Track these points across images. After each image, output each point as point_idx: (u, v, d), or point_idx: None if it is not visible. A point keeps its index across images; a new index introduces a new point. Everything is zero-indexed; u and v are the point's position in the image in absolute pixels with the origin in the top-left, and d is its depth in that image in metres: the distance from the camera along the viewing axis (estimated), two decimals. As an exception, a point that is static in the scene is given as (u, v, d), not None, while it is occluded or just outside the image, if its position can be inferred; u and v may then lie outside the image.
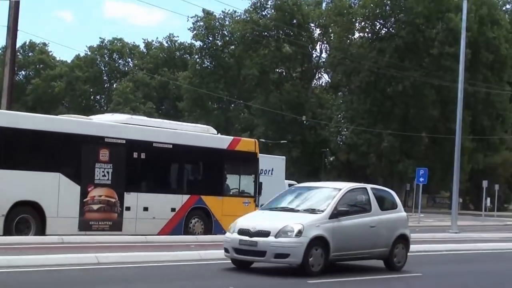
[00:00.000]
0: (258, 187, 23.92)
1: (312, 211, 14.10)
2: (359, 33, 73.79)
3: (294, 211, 14.20)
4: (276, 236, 13.25)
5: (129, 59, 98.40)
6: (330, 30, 76.95)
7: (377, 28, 72.45)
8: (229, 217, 19.07)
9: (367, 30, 72.46)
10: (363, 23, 72.35)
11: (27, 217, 18.73)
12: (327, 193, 14.74)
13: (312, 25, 78.78)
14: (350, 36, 74.06)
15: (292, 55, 76.16)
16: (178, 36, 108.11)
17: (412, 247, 21.53)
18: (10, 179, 18.33)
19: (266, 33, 75.91)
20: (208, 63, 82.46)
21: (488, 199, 61.69)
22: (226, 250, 13.96)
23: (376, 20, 71.55)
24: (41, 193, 18.87)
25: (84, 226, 19.73)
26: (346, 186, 15.10)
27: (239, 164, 23.90)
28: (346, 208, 14.42)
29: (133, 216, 20.77)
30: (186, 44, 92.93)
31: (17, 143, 18.76)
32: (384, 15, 71.42)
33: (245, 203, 23.42)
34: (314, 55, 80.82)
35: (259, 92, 76.31)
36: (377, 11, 70.58)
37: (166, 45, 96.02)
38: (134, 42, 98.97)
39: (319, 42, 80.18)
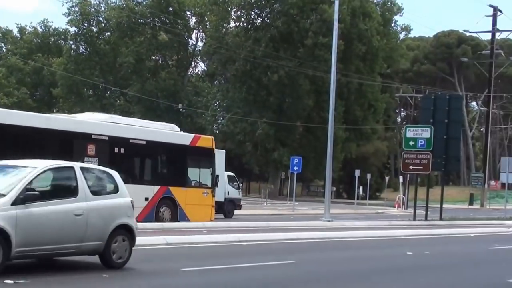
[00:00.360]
0: (215, 179, 27.26)
1: None
2: (234, 22, 73.87)
3: None
4: None
5: (2, 44, 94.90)
6: (206, 19, 76.64)
7: (253, 17, 72.71)
8: (191, 206, 25.47)
9: (242, 19, 72.58)
10: (238, 12, 72.41)
11: None
12: (21, 173, 11.74)
13: (188, 13, 78.22)
14: (226, 25, 74.00)
15: (168, 43, 75.42)
16: (52, 22, 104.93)
17: (286, 235, 21.78)
18: None
19: (142, 21, 74.75)
20: (84, 50, 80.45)
21: (361, 188, 63.35)
22: None
23: (251, 9, 71.76)
24: None
25: None
26: (44, 164, 12.12)
27: (199, 158, 26.78)
28: (39, 191, 11.52)
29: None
30: (61, 30, 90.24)
31: (19, 138, 20.58)
32: (260, 5, 71.73)
33: (205, 194, 26.77)
34: (190, 44, 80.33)
35: (135, 80, 75.17)
36: (252, 0, 70.80)
37: (40, 30, 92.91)
38: (7, 27, 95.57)
39: (195, 31, 79.76)
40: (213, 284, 12.20)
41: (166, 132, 26.14)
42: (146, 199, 24.47)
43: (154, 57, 78.53)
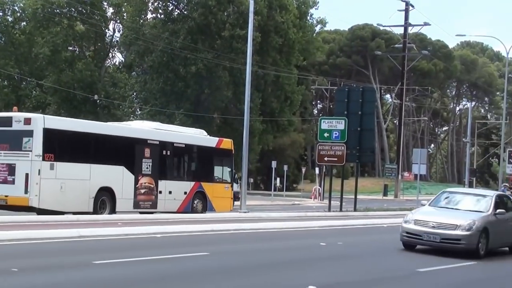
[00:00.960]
0: (233, 175, 32.71)
1: None
2: (152, 13, 72.93)
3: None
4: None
5: None
6: (123, 10, 75.47)
7: (170, 9, 71.97)
8: (216, 198, 30.62)
9: (160, 11, 71.75)
10: (156, 3, 71.55)
11: (105, 199, 25.43)
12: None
13: (105, 3, 76.83)
14: (143, 16, 73.04)
15: (85, 34, 73.93)
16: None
17: (201, 227, 21.60)
18: (97, 171, 25.16)
19: (58, 11, 72.97)
20: (-2, 39, 78.05)
21: (278, 179, 63.73)
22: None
23: (169, 1, 71.03)
24: (113, 181, 25.70)
25: (136, 205, 26.82)
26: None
27: (222, 158, 31.65)
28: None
29: (163, 198, 27.96)
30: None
31: (100, 144, 25.68)
32: (177, -3, 71.08)
33: (226, 188, 31.49)
34: (107, 34, 78.96)
35: (51, 70, 73.41)
36: (170, -8, 70.09)
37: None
38: None
39: (112, 21, 78.42)
40: (119, 276, 11.95)
41: (198, 136, 31.27)
42: (185, 193, 29.32)
43: (70, 48, 76.86)
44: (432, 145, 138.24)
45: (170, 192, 28.30)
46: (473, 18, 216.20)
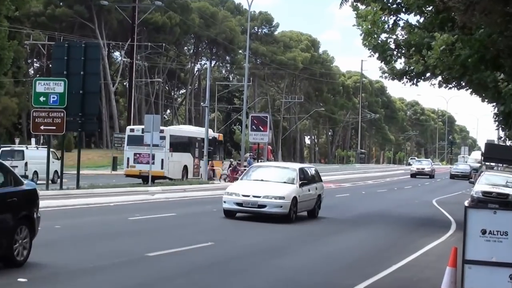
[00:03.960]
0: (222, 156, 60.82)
1: None
2: None
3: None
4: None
5: None
6: None
7: None
8: (218, 171, 56.18)
9: None
10: None
11: (184, 172, 50.86)
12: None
13: None
14: None
15: None
16: None
17: None
18: (182, 156, 50.61)
19: None
20: None
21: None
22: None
23: None
24: (187, 161, 51.50)
25: (194, 175, 52.30)
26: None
27: (217, 146, 57.81)
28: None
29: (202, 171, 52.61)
30: None
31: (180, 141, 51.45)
32: None
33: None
34: None
35: None
36: None
37: None
38: None
39: None
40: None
41: (212, 133, 57.66)
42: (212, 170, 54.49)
43: None
44: (169, 111, 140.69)
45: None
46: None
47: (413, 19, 29.32)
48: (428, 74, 27.46)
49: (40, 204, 13.96)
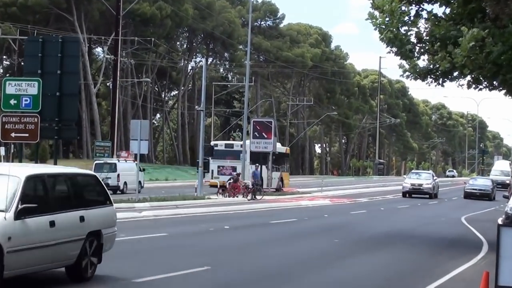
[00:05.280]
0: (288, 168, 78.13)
1: None
2: None
3: None
4: None
5: None
6: None
7: None
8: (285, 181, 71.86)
9: None
10: None
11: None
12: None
13: None
14: None
15: None
16: None
17: None
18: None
19: None
20: None
21: None
22: None
23: None
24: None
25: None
26: None
27: (283, 158, 72.23)
28: None
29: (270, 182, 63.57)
30: None
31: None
32: None
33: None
34: None
35: None
36: None
37: None
38: None
39: None
40: None
41: (281, 147, 74.32)
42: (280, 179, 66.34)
43: None
44: (158, 115, 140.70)
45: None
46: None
47: (438, 10, 29.32)
48: (455, 73, 27.43)
49: None
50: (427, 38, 27.67)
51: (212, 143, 68.66)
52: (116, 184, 57.02)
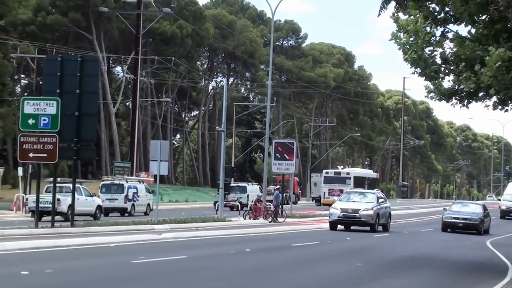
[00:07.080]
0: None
1: None
2: None
3: None
4: None
5: None
6: None
7: None
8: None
9: None
10: None
11: None
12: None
13: None
14: None
15: None
16: None
17: None
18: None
19: None
20: None
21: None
22: None
23: None
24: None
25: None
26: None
27: (376, 182, 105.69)
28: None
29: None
30: None
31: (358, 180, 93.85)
32: None
33: None
34: None
35: None
36: None
37: None
38: None
39: None
40: None
41: (370, 172, 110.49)
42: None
43: None
44: (178, 136, 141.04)
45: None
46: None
47: (463, 30, 29.35)
48: (481, 94, 27.39)
49: (27, 245, 14.00)
50: (452, 58, 27.67)
51: (324, 171, 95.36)
52: (123, 205, 56.77)
